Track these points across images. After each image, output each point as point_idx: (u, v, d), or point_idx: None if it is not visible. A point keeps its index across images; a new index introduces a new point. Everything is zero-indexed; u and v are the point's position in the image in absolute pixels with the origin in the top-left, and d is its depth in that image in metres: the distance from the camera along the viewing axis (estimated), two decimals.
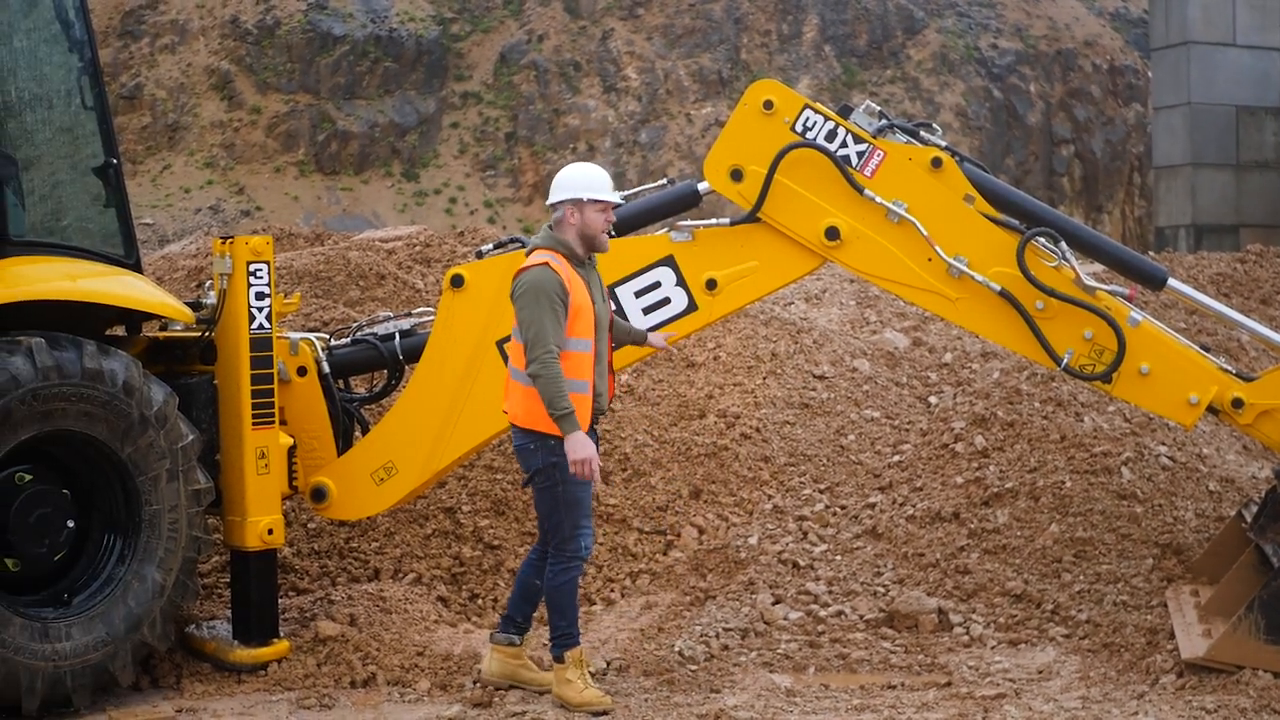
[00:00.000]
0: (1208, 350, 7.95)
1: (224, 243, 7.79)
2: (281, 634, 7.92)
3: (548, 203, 7.36)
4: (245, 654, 7.72)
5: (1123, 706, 7.02)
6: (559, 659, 7.24)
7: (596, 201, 7.22)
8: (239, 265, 7.68)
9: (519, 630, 7.47)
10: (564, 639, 7.25)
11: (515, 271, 7.18)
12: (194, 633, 8.06)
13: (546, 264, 7.06)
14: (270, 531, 7.76)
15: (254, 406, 7.69)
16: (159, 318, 7.95)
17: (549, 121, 43.50)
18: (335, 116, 42.13)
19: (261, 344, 7.72)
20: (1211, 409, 7.64)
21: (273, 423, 7.78)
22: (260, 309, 7.70)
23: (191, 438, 7.49)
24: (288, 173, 41.13)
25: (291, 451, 7.98)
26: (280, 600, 8.11)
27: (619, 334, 7.59)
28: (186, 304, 7.87)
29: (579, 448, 6.93)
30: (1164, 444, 9.62)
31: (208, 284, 8.08)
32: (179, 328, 7.99)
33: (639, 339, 7.75)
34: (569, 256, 7.17)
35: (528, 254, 7.30)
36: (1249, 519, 8.16)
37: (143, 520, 7.35)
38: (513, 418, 7.27)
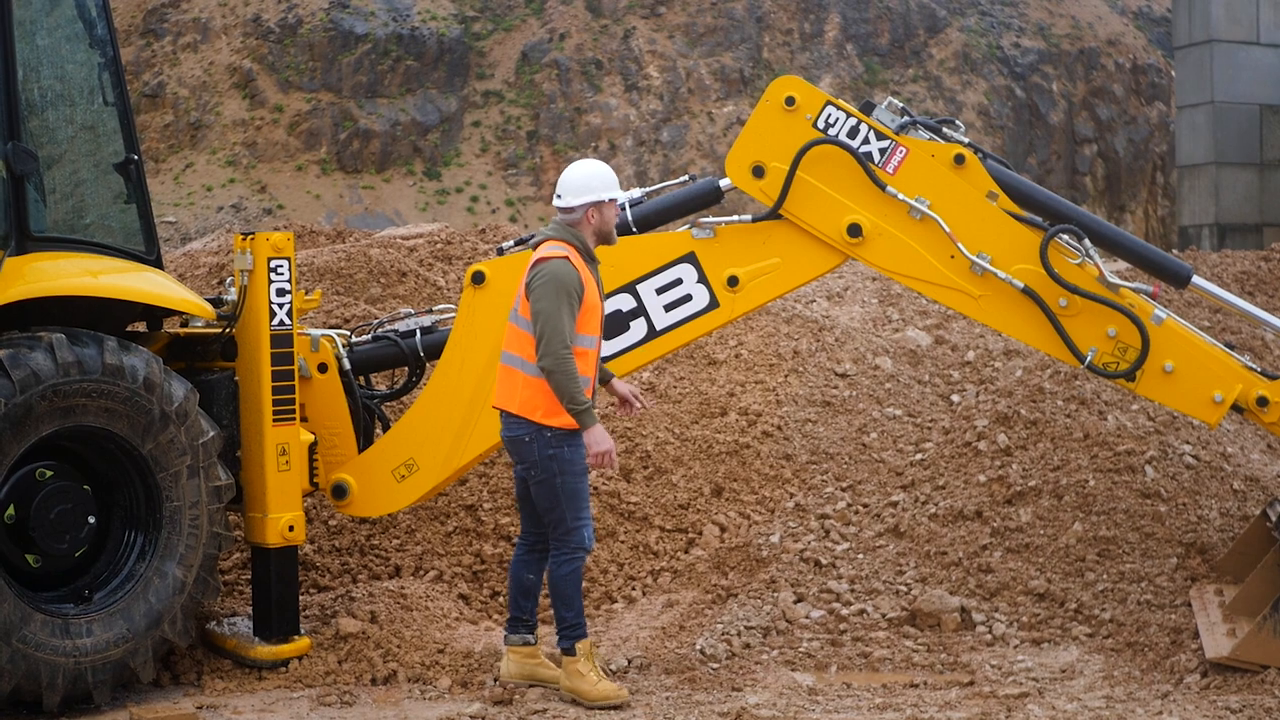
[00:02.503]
0: (1232, 348, 7.92)
1: (245, 239, 7.80)
2: (302, 631, 7.92)
3: (564, 204, 7.30)
4: (266, 650, 7.73)
5: (1147, 706, 6.99)
6: (569, 651, 7.24)
7: (613, 199, 7.36)
8: (260, 261, 7.68)
9: (529, 629, 7.47)
10: (572, 630, 7.25)
11: (533, 260, 7.19)
12: (215, 629, 8.07)
13: (567, 258, 7.09)
14: (291, 528, 7.77)
15: (275, 403, 7.70)
16: (180, 314, 7.96)
17: (571, 120, 43.47)
18: (357, 115, 42.15)
19: (282, 340, 7.73)
20: (1236, 407, 7.61)
21: (293, 419, 7.79)
22: (281, 305, 7.71)
23: (212, 434, 7.49)
24: (309, 171, 41.15)
25: (312, 448, 7.99)
26: (301, 597, 8.11)
27: None
28: (207, 300, 7.88)
29: (600, 440, 7.01)
30: (1188, 442, 9.57)
31: (229, 280, 8.09)
32: (200, 324, 8.01)
33: (605, 376, 7.63)
34: (582, 252, 7.24)
35: (536, 244, 7.32)
36: (1274, 518, 8.12)
37: (163, 516, 7.36)
38: (506, 405, 7.24)
